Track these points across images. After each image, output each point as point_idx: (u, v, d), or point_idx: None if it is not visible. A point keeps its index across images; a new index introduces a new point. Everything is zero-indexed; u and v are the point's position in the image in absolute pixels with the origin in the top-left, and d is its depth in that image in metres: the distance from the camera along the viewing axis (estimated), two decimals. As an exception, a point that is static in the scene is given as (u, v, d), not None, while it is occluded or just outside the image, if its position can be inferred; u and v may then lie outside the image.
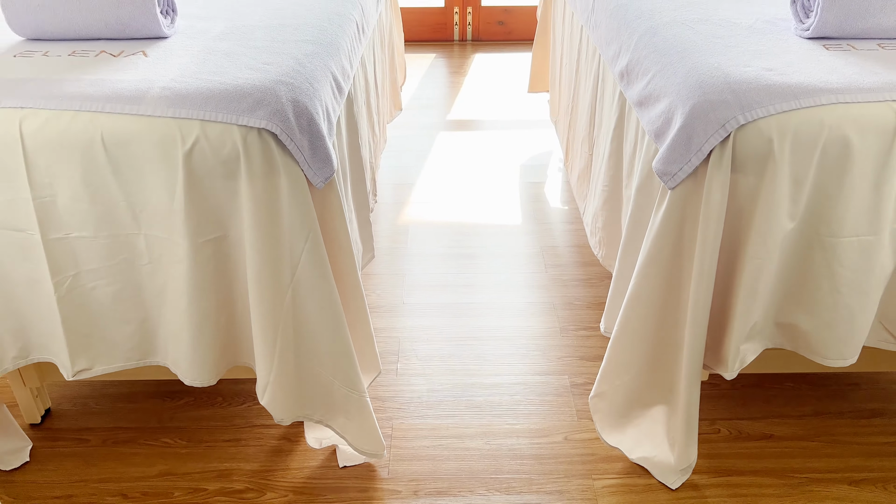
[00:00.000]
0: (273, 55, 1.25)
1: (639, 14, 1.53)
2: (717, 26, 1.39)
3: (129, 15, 1.28)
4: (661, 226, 1.20)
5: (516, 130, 2.90)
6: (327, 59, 1.32)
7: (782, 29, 1.37)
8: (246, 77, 1.15)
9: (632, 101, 1.42)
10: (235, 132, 1.08)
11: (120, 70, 1.18)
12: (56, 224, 1.14)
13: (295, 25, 1.41)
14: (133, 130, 1.08)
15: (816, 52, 1.24)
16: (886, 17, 1.26)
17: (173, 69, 1.18)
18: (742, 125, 1.09)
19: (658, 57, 1.33)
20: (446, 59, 3.74)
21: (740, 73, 1.16)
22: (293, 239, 1.16)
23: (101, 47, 1.28)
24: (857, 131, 1.08)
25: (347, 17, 1.56)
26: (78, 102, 1.09)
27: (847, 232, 1.14)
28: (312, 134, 1.14)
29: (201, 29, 1.39)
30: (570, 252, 2.11)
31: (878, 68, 1.17)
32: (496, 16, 3.92)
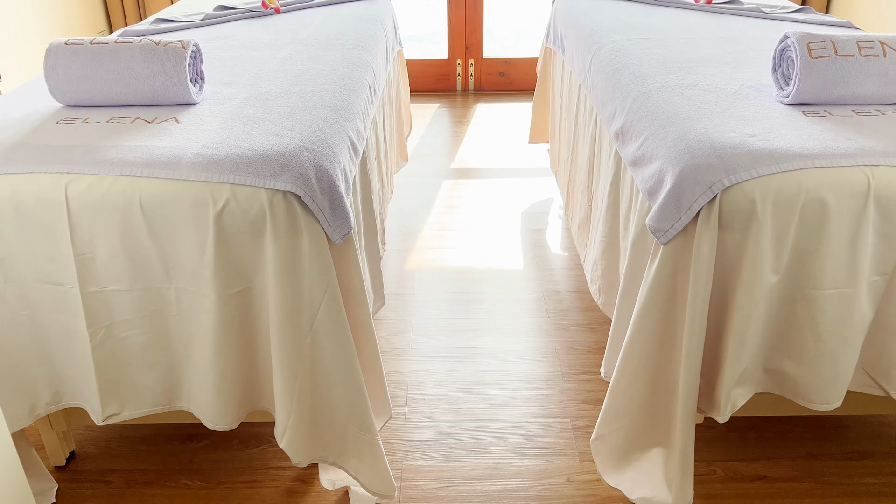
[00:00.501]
0: (295, 121, 1.35)
1: (632, 78, 1.65)
2: (705, 92, 1.50)
3: (163, 84, 1.39)
4: (655, 278, 1.28)
5: (517, 179, 3.01)
6: (344, 123, 1.42)
7: (765, 95, 1.48)
8: (271, 143, 1.25)
9: (626, 160, 1.52)
10: (263, 194, 1.18)
11: (155, 136, 1.28)
12: (94, 278, 1.23)
13: (313, 92, 1.52)
14: (169, 193, 1.18)
15: (795, 118, 1.35)
16: (859, 86, 1.37)
17: (204, 135, 1.28)
18: (727, 187, 1.19)
19: (650, 121, 1.44)
20: (449, 109, 3.88)
21: (725, 138, 1.27)
22: (313, 291, 1.25)
23: (136, 114, 1.39)
24: (832, 193, 1.18)
25: (361, 82, 1.68)
26: (119, 168, 1.19)
27: (827, 285, 1.23)
28: (332, 195, 1.24)
29: (227, 95, 1.50)
30: (572, 297, 2.19)
31: (852, 134, 1.27)
32: (497, 67, 4.07)
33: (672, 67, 1.67)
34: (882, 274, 1.25)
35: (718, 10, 2.25)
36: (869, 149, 1.22)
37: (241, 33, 2.01)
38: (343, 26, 2.10)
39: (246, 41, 1.93)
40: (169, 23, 2.09)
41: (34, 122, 1.35)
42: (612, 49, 1.89)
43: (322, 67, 1.70)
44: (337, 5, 2.40)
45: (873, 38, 1.39)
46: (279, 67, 1.69)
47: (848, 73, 1.36)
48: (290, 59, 1.76)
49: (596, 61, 1.92)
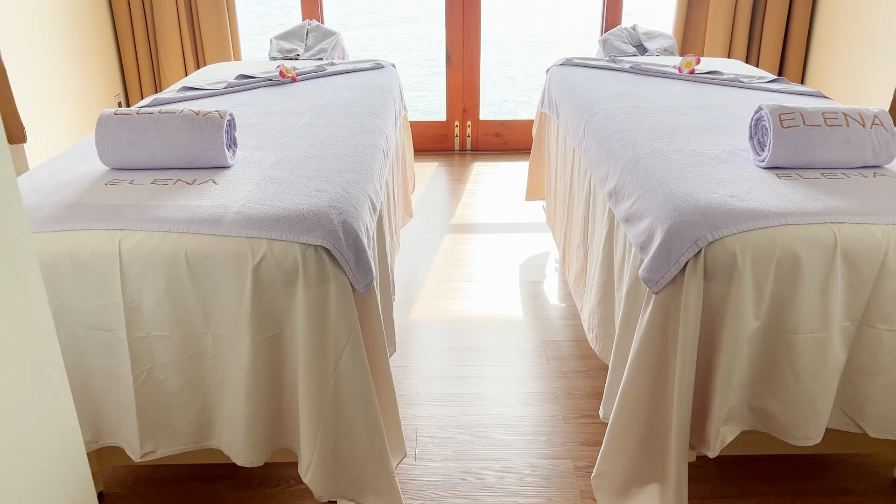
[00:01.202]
0: (322, 183, 1.50)
1: (623, 144, 1.82)
2: (689, 156, 1.66)
3: (202, 150, 1.54)
4: (648, 324, 1.42)
5: (515, 234, 3.17)
6: (365, 185, 1.57)
7: (743, 159, 1.64)
8: (303, 203, 1.40)
9: (619, 217, 1.67)
10: (296, 248, 1.32)
11: (197, 197, 1.43)
12: (140, 325, 1.36)
13: (335, 156, 1.68)
14: (212, 247, 1.31)
15: (770, 180, 1.51)
16: (826, 152, 1.54)
17: (241, 196, 1.43)
18: (711, 242, 1.34)
19: (640, 182, 1.59)
20: (448, 168, 4.07)
21: (708, 198, 1.42)
22: (338, 336, 1.37)
23: (177, 176, 1.54)
24: (804, 247, 1.33)
25: (376, 147, 1.84)
26: (167, 224, 1.32)
27: (803, 329, 1.36)
28: (357, 249, 1.37)
29: (257, 159, 1.65)
30: (569, 346, 2.31)
31: (820, 195, 1.43)
32: (493, 129, 4.28)
33: (659, 134, 1.84)
34: (852, 320, 1.39)
35: (701, 79, 2.45)
36: (835, 208, 1.37)
37: (262, 101, 2.18)
38: (356, 95, 2.27)
39: (268, 108, 2.10)
40: (194, 90, 2.26)
41: (85, 184, 1.49)
42: (604, 116, 2.07)
43: (341, 133, 1.86)
44: (348, 74, 2.59)
45: (837, 109, 1.57)
46: (301, 133, 1.85)
47: (815, 141, 1.53)
48: (311, 125, 1.93)
49: (589, 127, 2.09)
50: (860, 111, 1.57)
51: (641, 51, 3.11)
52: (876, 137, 1.54)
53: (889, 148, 1.54)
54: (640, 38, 3.14)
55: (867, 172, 1.54)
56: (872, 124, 1.55)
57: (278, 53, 2.99)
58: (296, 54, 2.98)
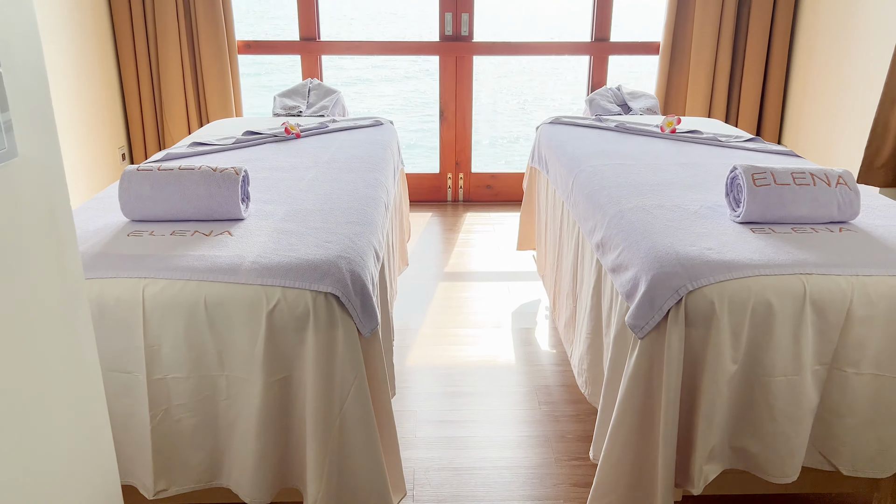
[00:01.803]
0: (330, 234, 1.61)
1: (609, 199, 1.95)
2: (671, 211, 1.79)
3: (218, 203, 1.65)
4: (635, 368, 1.52)
5: (506, 282, 3.28)
6: (370, 236, 1.69)
7: (720, 214, 1.77)
8: (313, 253, 1.51)
9: (606, 267, 1.79)
10: (308, 295, 1.42)
11: (215, 247, 1.53)
12: (158, 367, 1.44)
13: (341, 209, 1.79)
14: (229, 294, 1.41)
15: (745, 234, 1.64)
16: (796, 209, 1.67)
17: (256, 247, 1.53)
18: (691, 291, 1.45)
19: (626, 235, 1.72)
20: (441, 218, 4.20)
21: (688, 251, 1.54)
22: (344, 378, 1.46)
23: (195, 228, 1.64)
24: (776, 297, 1.44)
25: (378, 200, 1.96)
26: (188, 273, 1.43)
27: (777, 373, 1.47)
28: (364, 296, 1.48)
29: (268, 212, 1.76)
30: (560, 391, 2.40)
31: (791, 248, 1.56)
32: (485, 181, 4.43)
33: (643, 190, 1.97)
34: (823, 364, 1.50)
35: (681, 138, 2.60)
36: (804, 260, 1.50)
37: (270, 156, 2.31)
38: (358, 151, 2.41)
39: (275, 163, 2.22)
40: (204, 146, 2.39)
41: (108, 235, 1.60)
42: (591, 172, 2.21)
43: (346, 188, 1.98)
44: (349, 131, 2.73)
45: (805, 169, 1.71)
46: (308, 188, 1.97)
47: (785, 198, 1.66)
48: (317, 180, 2.05)
49: (577, 182, 2.23)
50: (826, 171, 1.71)
51: (626, 110, 3.28)
52: (841, 196, 1.68)
53: (853, 205, 1.68)
54: (625, 98, 3.32)
55: (834, 227, 1.67)
56: (837, 183, 1.68)
57: (282, 110, 3.13)
58: (298, 111, 3.13)
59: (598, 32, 4.10)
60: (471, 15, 4.05)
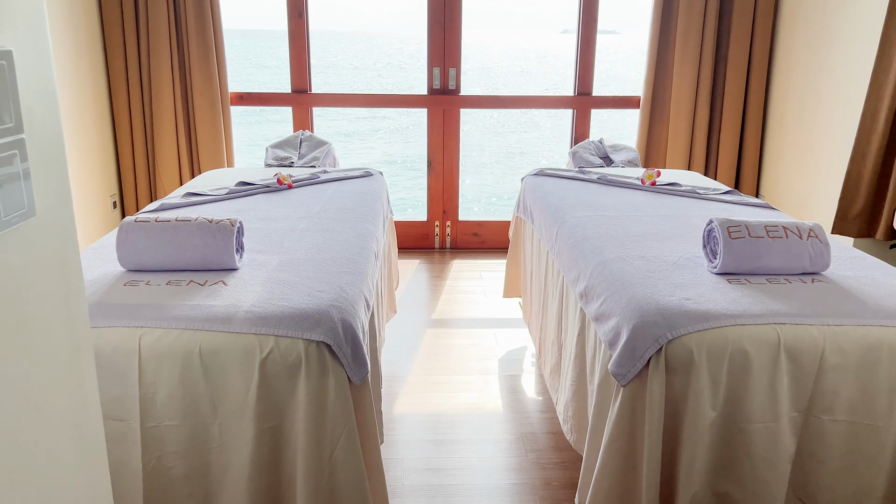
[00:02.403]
0: (322, 284, 1.66)
1: (592, 250, 2.01)
2: (651, 262, 1.86)
3: (214, 254, 1.70)
4: (618, 415, 1.56)
5: (493, 329, 3.33)
6: (361, 285, 1.74)
7: (698, 265, 1.84)
8: (306, 302, 1.55)
9: (590, 316, 1.85)
10: (300, 344, 1.46)
11: (209, 297, 1.58)
12: (152, 415, 1.47)
13: (333, 259, 1.85)
14: (223, 343, 1.45)
15: (722, 285, 1.70)
16: (769, 261, 1.74)
17: (250, 296, 1.58)
18: (670, 340, 1.51)
19: (608, 286, 1.78)
20: (429, 265, 4.26)
21: (667, 301, 1.60)
22: (334, 425, 1.50)
23: (190, 277, 1.69)
24: (752, 345, 1.50)
25: (368, 250, 2.02)
26: (184, 322, 1.47)
27: (755, 419, 1.52)
28: (354, 344, 1.52)
29: (261, 262, 1.81)
30: (546, 438, 2.43)
31: (765, 298, 1.62)
32: (471, 228, 4.51)
33: (624, 241, 2.04)
34: (799, 411, 1.55)
35: (661, 190, 2.70)
36: (778, 311, 1.56)
37: (262, 206, 2.37)
38: (348, 201, 2.47)
39: (268, 213, 2.28)
40: (198, 196, 2.45)
41: (105, 285, 1.64)
42: (574, 223, 2.28)
43: (337, 238, 2.04)
44: (340, 182, 2.80)
45: (778, 223, 1.79)
46: (301, 238, 2.03)
47: (759, 250, 1.74)
48: (309, 230, 2.11)
49: (561, 233, 2.30)
50: (797, 224, 1.79)
51: (608, 162, 3.39)
52: (812, 248, 1.75)
53: (824, 257, 1.76)
54: (607, 151, 3.43)
55: (806, 279, 1.75)
56: (809, 236, 1.76)
57: (274, 161, 3.21)
58: (290, 162, 3.21)
59: (580, 87, 4.25)
60: (458, 70, 4.19)
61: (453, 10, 4.07)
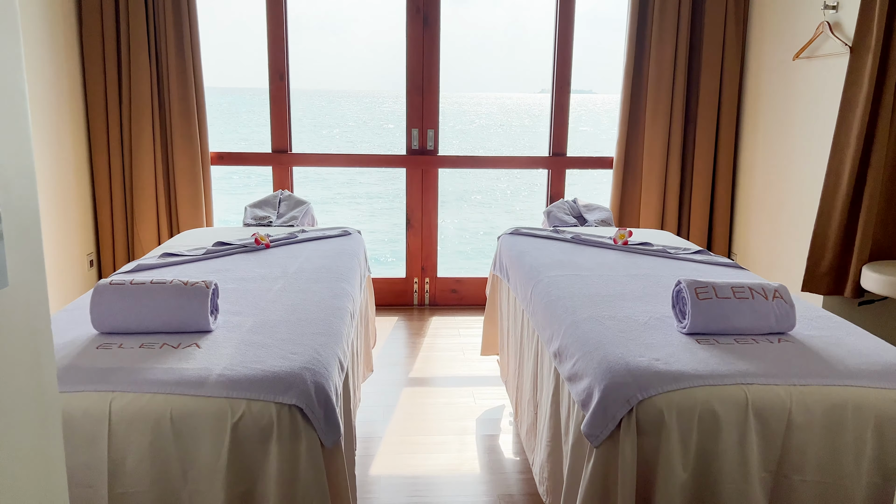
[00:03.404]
0: (296, 346, 1.67)
1: (565, 310, 2.04)
2: (622, 322, 1.89)
3: (188, 316, 1.71)
4: (591, 476, 1.57)
5: (471, 387, 3.32)
6: (335, 347, 1.75)
7: (667, 325, 1.88)
8: (279, 365, 1.56)
9: (563, 376, 1.86)
10: (273, 407, 1.46)
11: (182, 360, 1.57)
12: (121, 481, 1.45)
13: (308, 320, 1.86)
14: (195, 407, 1.45)
15: (691, 345, 1.74)
16: (737, 321, 1.78)
17: (223, 359, 1.58)
18: (641, 401, 1.52)
19: (580, 346, 1.80)
20: (407, 322, 4.26)
21: (637, 362, 1.63)
22: (306, 490, 1.48)
23: (163, 340, 1.69)
24: (721, 405, 1.52)
25: (344, 310, 2.03)
26: (156, 387, 1.46)
27: (726, 480, 1.53)
28: (327, 408, 1.52)
29: (236, 323, 1.82)
30: (524, 499, 2.41)
31: (733, 359, 1.65)
32: (450, 285, 4.54)
33: (596, 301, 2.08)
34: (769, 471, 1.57)
35: (633, 250, 2.75)
36: (745, 371, 1.59)
37: (239, 267, 2.38)
38: (325, 261, 2.50)
39: (244, 274, 2.29)
40: (175, 257, 2.46)
41: (77, 347, 1.63)
42: (548, 283, 2.32)
43: (313, 299, 2.05)
44: (318, 241, 2.83)
45: (744, 284, 1.84)
46: (276, 298, 2.04)
47: (726, 311, 1.78)
48: (285, 290, 2.12)
49: (536, 292, 2.33)
50: (763, 285, 1.84)
51: (581, 221, 3.46)
52: (778, 308, 1.80)
53: (789, 318, 1.80)
54: (581, 210, 3.50)
55: (773, 339, 1.78)
56: (774, 297, 1.81)
57: (252, 220, 3.24)
58: (268, 221, 3.24)
59: (554, 148, 4.35)
60: (436, 131, 4.29)
61: (431, 74, 4.18)
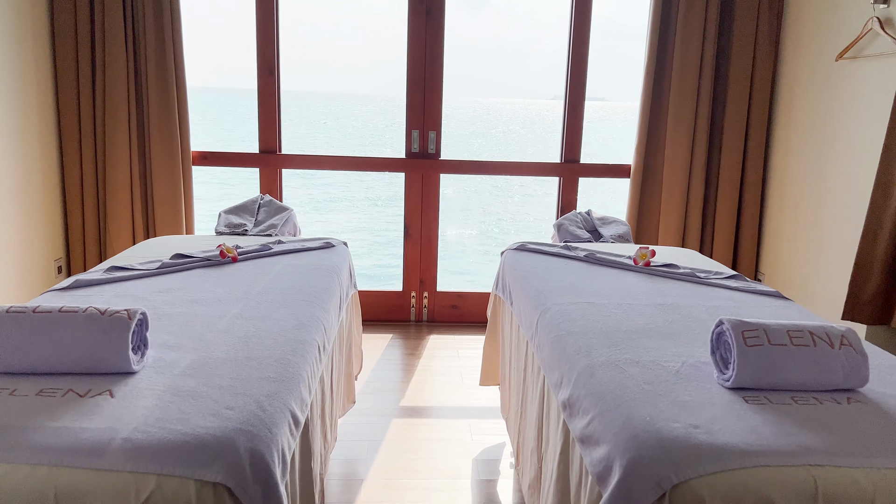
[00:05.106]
0: (236, 397, 1.32)
1: (577, 349, 1.68)
2: (648, 370, 1.53)
3: (105, 354, 1.36)
4: (609, 579, 1.20)
5: (467, 419, 2.95)
6: (287, 397, 1.39)
7: (705, 375, 1.51)
8: (207, 425, 1.20)
9: (574, 434, 1.50)
10: (191, 486, 1.10)
11: (85, 415, 1.22)
12: (-12, 580, 1.10)
13: (259, 359, 1.50)
14: (89, 485, 1.09)
15: (737, 405, 1.37)
16: (793, 374, 1.42)
17: (137, 414, 1.23)
18: (676, 485, 1.16)
19: (596, 400, 1.44)
20: (402, 340, 3.91)
21: (671, 428, 1.27)
22: None
23: (69, 385, 1.34)
24: (780, 495, 1.16)
25: (310, 344, 1.68)
26: (38, 455, 1.11)
27: (787, 592, 1.16)
28: (266, 484, 1.17)
29: (169, 362, 1.46)
30: (523, 566, 2.04)
31: (794, 427, 1.29)
32: (450, 300, 4.18)
33: (615, 339, 1.72)
34: (841, 578, 1.20)
35: (656, 272, 2.39)
36: (811, 446, 1.22)
37: (195, 285, 2.03)
38: (298, 279, 2.15)
39: (198, 294, 1.94)
40: (123, 271, 2.11)
41: (-43, 393, 1.28)
42: (557, 313, 1.96)
43: (272, 328, 1.70)
44: (295, 254, 2.48)
45: (802, 327, 1.47)
46: (228, 328, 1.69)
47: (782, 362, 1.41)
48: (241, 317, 1.77)
49: (542, 323, 1.97)
50: (826, 329, 1.48)
51: (596, 236, 3.10)
52: (846, 359, 1.43)
53: (861, 372, 1.43)
54: (595, 224, 3.14)
55: (840, 397, 1.42)
56: (841, 344, 1.44)
57: (225, 228, 2.89)
58: (244, 229, 2.89)
59: (567, 154, 3.99)
60: (438, 133, 3.94)
61: (434, 71, 3.84)
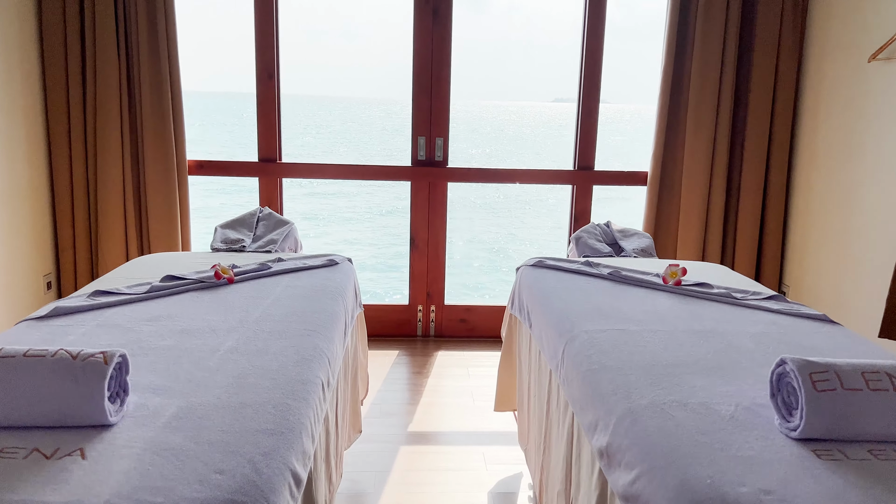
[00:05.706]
0: (227, 456, 1.13)
1: (614, 388, 1.50)
2: (698, 415, 1.34)
3: (77, 405, 1.18)
4: None
5: (481, 446, 2.77)
6: (287, 452, 1.21)
7: (765, 421, 1.32)
8: (192, 496, 1.02)
9: (616, 490, 1.32)
10: (171, 577, 0.92)
11: (46, 485, 1.04)
12: None
13: (255, 405, 1.32)
14: (47, 575, 0.91)
15: (809, 462, 1.18)
16: (871, 424, 1.23)
17: (111, 482, 1.04)
18: (749, 567, 0.98)
19: (642, 453, 1.25)
20: (409, 357, 3.72)
21: (737, 494, 1.08)
22: None
23: (35, 443, 1.15)
24: (876, 579, 0.97)
25: (313, 383, 1.49)
26: (-13, 540, 0.93)
27: None
28: (263, 568, 0.98)
29: (153, 410, 1.28)
30: None
31: (880, 491, 1.10)
32: (458, 314, 4.00)
33: (656, 376, 1.53)
34: None
35: (688, 292, 2.20)
36: (905, 516, 1.04)
37: (187, 312, 1.85)
38: (300, 303, 1.96)
39: (189, 323, 1.76)
40: (108, 296, 1.93)
41: None
42: (585, 341, 1.77)
43: (270, 365, 1.51)
44: (296, 273, 2.29)
45: (879, 368, 1.28)
46: (220, 365, 1.50)
47: (858, 409, 1.22)
48: (236, 350, 1.59)
49: (569, 352, 1.79)
50: (904, 369, 1.29)
51: (617, 249, 2.91)
52: (930, 405, 1.24)
53: (948, 419, 1.24)
54: (616, 237, 2.95)
55: (925, 450, 1.23)
56: (922, 387, 1.25)
57: (222, 244, 2.70)
58: (241, 245, 2.70)
59: (581, 161, 3.81)
60: (445, 139, 3.76)
61: (441, 75, 3.66)
